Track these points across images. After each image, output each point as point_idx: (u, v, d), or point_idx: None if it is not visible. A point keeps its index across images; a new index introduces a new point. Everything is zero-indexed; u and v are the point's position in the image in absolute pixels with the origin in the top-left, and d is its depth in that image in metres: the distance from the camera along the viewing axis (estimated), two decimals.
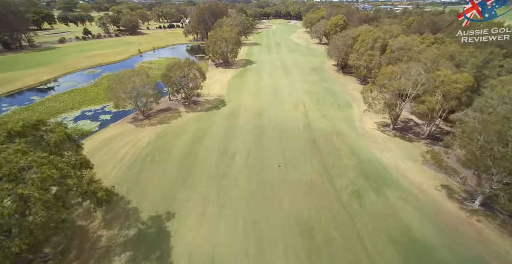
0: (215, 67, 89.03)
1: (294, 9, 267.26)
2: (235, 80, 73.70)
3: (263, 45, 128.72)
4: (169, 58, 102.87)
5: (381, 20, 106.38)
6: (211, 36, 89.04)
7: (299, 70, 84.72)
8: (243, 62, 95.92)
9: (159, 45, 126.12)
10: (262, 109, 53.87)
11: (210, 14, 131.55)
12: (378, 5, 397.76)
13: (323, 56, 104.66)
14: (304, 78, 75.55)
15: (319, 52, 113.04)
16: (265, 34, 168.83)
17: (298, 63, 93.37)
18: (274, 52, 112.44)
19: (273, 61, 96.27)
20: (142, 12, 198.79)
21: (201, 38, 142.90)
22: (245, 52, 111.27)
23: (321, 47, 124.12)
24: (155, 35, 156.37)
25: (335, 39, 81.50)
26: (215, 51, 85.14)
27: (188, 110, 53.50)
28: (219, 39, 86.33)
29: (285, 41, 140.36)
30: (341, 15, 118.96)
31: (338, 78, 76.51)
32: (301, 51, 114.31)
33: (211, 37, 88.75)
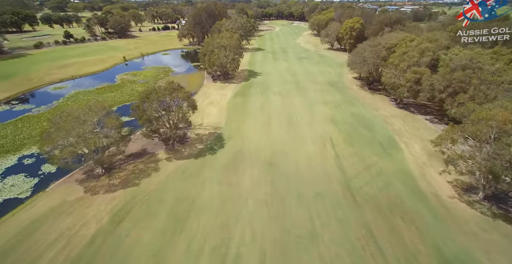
0: (211, 81, 72.69)
1: (297, 10, 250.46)
2: (236, 102, 57.40)
3: (267, 51, 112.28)
4: (158, 67, 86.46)
5: (408, 24, 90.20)
6: (207, 43, 72.63)
7: (314, 85, 68.43)
8: (245, 73, 79.59)
9: (149, 51, 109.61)
10: (275, 152, 37.68)
11: (207, 15, 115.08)
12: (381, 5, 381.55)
13: (339, 65, 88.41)
14: (323, 98, 59.34)
15: (333, 60, 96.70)
16: (268, 37, 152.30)
17: (311, 75, 77.07)
18: (281, 60, 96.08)
19: (281, 73, 79.98)
20: (134, 12, 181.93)
21: (198, 42, 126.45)
22: (247, 60, 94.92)
23: (334, 53, 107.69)
24: (147, 38, 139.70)
25: (361, 48, 65.25)
26: (211, 62, 68.74)
27: (171, 155, 37.20)
28: (216, 47, 69.95)
29: (291, 46, 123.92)
30: (357, 17, 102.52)
31: (365, 98, 60.28)
32: (312, 59, 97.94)
33: (207, 44, 72.34)
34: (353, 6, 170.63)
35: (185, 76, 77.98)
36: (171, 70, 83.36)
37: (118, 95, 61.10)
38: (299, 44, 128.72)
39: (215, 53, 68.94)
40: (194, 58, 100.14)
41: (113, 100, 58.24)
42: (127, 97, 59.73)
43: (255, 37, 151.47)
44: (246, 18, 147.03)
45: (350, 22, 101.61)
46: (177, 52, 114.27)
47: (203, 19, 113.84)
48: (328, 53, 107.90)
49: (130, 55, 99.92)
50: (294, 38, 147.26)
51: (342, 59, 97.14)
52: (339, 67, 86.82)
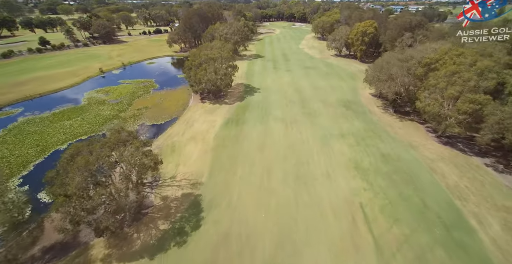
0: (199, 100, 58.86)
1: (299, 11, 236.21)
2: (226, 135, 43.50)
3: (267, 59, 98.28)
4: (139, 81, 72.63)
5: (431, 29, 76.02)
6: (194, 55, 58.69)
7: (325, 107, 54.57)
8: (240, 89, 65.73)
9: (133, 59, 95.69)
10: (279, 244, 23.90)
11: (199, 19, 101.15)
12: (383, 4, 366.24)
13: (350, 77, 74.46)
14: (339, 127, 45.49)
15: (343, 70, 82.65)
16: (267, 41, 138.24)
17: (320, 92, 63.18)
18: (283, 71, 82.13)
19: (284, 88, 66.10)
20: (124, 14, 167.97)
21: (190, 48, 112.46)
22: (244, 71, 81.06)
23: (342, 61, 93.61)
24: (135, 43, 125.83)
25: (385, 61, 51.27)
26: (197, 78, 54.94)
27: (112, 251, 23.31)
28: (205, 61, 56.14)
29: (294, 52, 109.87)
30: (370, 21, 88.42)
31: (393, 126, 46.36)
32: (319, 69, 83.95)
33: (194, 56, 58.42)
34: (361, 7, 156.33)
35: (169, 93, 64.12)
36: (153, 85, 69.48)
37: (76, 124, 47.35)
38: (302, 50, 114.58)
39: (203, 67, 55.09)
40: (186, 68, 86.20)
41: (66, 131, 44.47)
42: (86, 128, 46.01)
43: (254, 41, 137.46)
44: (244, 21, 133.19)
45: (362, 25, 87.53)
46: (166, 60, 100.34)
47: (194, 23, 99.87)
48: (336, 61, 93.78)
49: (109, 65, 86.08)
50: (296, 43, 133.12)
51: (354, 68, 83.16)
52: (351, 79, 72.85)
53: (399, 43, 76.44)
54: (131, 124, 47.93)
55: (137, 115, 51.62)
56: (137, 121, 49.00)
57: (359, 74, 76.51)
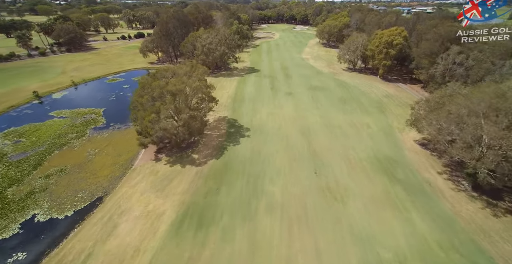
0: (152, 155, 37.10)
1: (300, 12, 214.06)
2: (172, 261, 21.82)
3: (263, 74, 76.46)
4: (80, 111, 51.00)
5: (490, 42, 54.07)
6: (144, 85, 36.45)
7: (353, 172, 32.98)
8: (221, 130, 44.02)
9: (92, 75, 73.83)
10: None
11: (178, 23, 79.08)
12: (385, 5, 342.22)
13: (378, 107, 52.83)
14: (392, 239, 23.86)
15: (363, 94, 60.85)
16: (265, 48, 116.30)
17: (339, 138, 41.53)
18: (283, 94, 60.41)
19: (285, 128, 44.41)
20: (102, 16, 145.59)
21: (170, 59, 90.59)
22: (230, 95, 59.53)
23: (360, 79, 71.70)
24: (106, 51, 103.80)
25: (454, 103, 29.57)
26: (145, 125, 33.15)
27: None
28: (159, 96, 34.33)
29: (296, 64, 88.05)
30: (398, 28, 66.55)
31: (491, 235, 24.69)
32: (331, 92, 62.21)
33: (144, 88, 36.28)
34: (375, 10, 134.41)
35: (113, 137, 42.35)
36: (97, 121, 47.70)
37: None
38: (306, 61, 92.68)
39: (156, 108, 33.30)
40: None
41: None
42: None
43: (249, 48, 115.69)
44: (237, 25, 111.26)
45: (386, 34, 65.69)
46: (136, 74, 78.34)
47: (171, 29, 77.84)
48: (351, 79, 71.89)
49: (53, 86, 64.28)
50: (298, 50, 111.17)
51: (377, 91, 61.35)
52: (379, 111, 51.18)
53: (443, 60, 54.85)
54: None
55: (31, 194, 29.84)
56: (21, 213, 27.20)
57: (388, 103, 54.82)
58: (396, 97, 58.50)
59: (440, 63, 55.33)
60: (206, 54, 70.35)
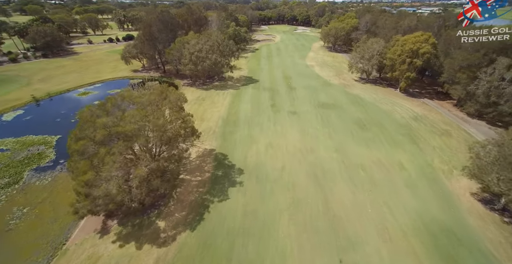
0: (98, 227, 25.40)
1: (301, 13, 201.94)
2: None
3: (262, 86, 64.84)
4: (28, 141, 39.50)
5: None
6: (83, 121, 24.51)
7: (400, 258, 21.31)
8: (204, 171, 32.25)
9: (61, 87, 62.27)
10: None
11: (163, 27, 67.24)
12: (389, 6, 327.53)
13: (408, 134, 41.07)
14: None
15: (385, 114, 49.11)
16: (265, 53, 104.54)
17: (365, 186, 29.84)
18: (286, 114, 48.77)
19: (288, 168, 32.88)
20: (90, 17, 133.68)
21: (156, 66, 78.92)
22: (221, 115, 47.97)
23: (378, 94, 59.86)
24: (87, 57, 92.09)
25: None
26: (76, 189, 21.41)
27: None
28: (106, 140, 22.48)
29: (300, 73, 76.36)
30: (424, 34, 54.66)
31: None
32: (344, 111, 50.51)
33: (83, 125, 24.38)
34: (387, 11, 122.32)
35: (56, 185, 30.79)
36: (45, 155, 36.15)
37: None
38: (311, 69, 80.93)
39: (99, 157, 21.58)
40: None
41: None
42: None
43: (247, 53, 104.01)
44: (234, 28, 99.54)
45: (411, 41, 53.91)
46: (114, 86, 66.65)
47: (155, 33, 66.02)
48: (367, 93, 60.16)
49: (11, 101, 52.86)
50: (301, 55, 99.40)
51: (402, 111, 49.58)
52: (410, 141, 39.53)
53: (487, 75, 43.18)
54: None
55: None
56: None
57: (419, 128, 43.14)
58: (427, 119, 46.78)
59: (483, 78, 43.68)
60: (195, 63, 58.69)
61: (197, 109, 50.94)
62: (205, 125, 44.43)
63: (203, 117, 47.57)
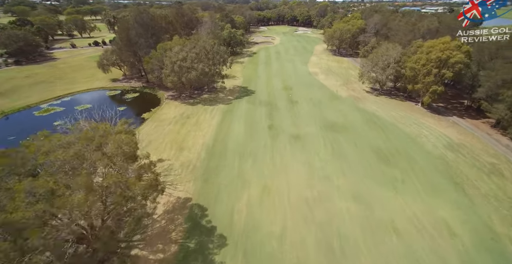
0: None
1: (302, 13, 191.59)
2: None
3: (257, 100, 55.00)
4: None
5: None
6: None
7: None
8: (170, 241, 22.25)
9: (24, 102, 52.50)
10: None
11: (142, 30, 57.28)
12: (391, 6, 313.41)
13: (446, 176, 30.93)
14: None
15: (408, 137, 39.14)
16: (263, 57, 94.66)
17: (402, 258, 20.01)
18: (286, 139, 38.84)
19: (290, 232, 23.11)
20: (75, 18, 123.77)
21: (139, 74, 69.01)
22: (206, 140, 38.25)
23: (396, 111, 49.71)
24: (64, 64, 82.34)
25: None
26: None
27: None
28: None
29: (302, 82, 66.55)
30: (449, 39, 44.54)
31: None
32: (360, 135, 40.56)
33: None
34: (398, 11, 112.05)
35: None
36: None
37: None
38: (315, 77, 70.99)
39: None
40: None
41: None
42: None
43: (244, 57, 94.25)
44: (229, 30, 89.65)
45: (438, 48, 43.89)
46: (85, 101, 56.79)
47: (133, 38, 56.12)
48: (383, 109, 50.11)
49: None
50: (303, 60, 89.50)
51: (432, 135, 39.54)
52: (452, 186, 29.58)
53: None
54: None
55: None
56: None
57: (458, 162, 33.28)
58: (465, 148, 36.82)
59: None
60: (178, 74, 48.82)
61: (177, 132, 41.16)
62: (184, 157, 34.66)
63: (183, 144, 37.75)
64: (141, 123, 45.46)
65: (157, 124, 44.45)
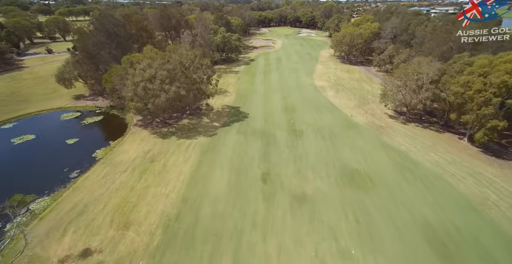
0: None
1: (306, 14, 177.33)
2: None
3: (250, 128, 41.83)
4: None
5: None
6: None
7: None
8: None
9: None
10: None
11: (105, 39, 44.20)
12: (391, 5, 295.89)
13: None
14: None
15: (468, 203, 25.85)
16: (261, 65, 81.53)
17: None
18: (286, 203, 25.65)
19: None
20: (56, 19, 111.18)
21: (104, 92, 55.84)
22: (163, 211, 24.89)
23: (437, 149, 36.09)
24: (29, 74, 69.89)
25: None
26: None
27: None
28: None
29: (307, 100, 53.40)
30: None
31: None
32: (392, 193, 27.35)
33: None
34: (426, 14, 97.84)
35: None
36: None
37: None
38: (322, 94, 57.71)
39: None
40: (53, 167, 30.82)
41: None
42: None
43: (240, 65, 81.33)
44: (223, 34, 76.55)
45: (503, 68, 30.36)
46: (33, 128, 44.13)
47: (90, 47, 43.16)
48: (418, 148, 36.66)
49: None
50: (308, 69, 76.25)
51: (504, 201, 25.76)
52: None
53: None
54: None
55: None
56: None
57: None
58: None
59: None
60: (143, 98, 35.84)
61: (131, 189, 28.35)
62: (126, 245, 21.83)
63: (132, 216, 24.90)
64: (89, 167, 32.74)
65: (108, 171, 31.66)
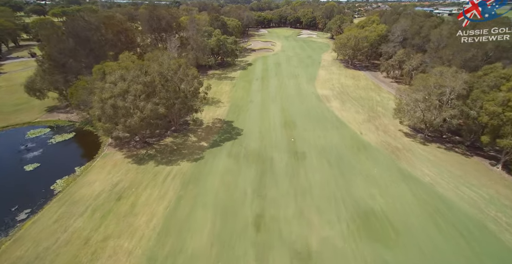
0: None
1: (306, 14, 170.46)
2: None
3: (244, 150, 35.23)
4: None
5: None
6: None
7: None
8: None
9: None
10: None
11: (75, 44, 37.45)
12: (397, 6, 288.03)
13: None
14: None
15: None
16: (259, 70, 74.99)
17: None
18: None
19: None
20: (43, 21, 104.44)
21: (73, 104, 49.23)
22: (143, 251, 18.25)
23: (471, 183, 29.51)
24: (5, 81, 63.60)
25: None
26: None
27: None
28: None
29: (309, 113, 46.79)
30: None
31: None
32: (424, 248, 20.83)
33: None
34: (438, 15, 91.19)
35: None
36: None
37: None
38: (326, 105, 51.11)
39: None
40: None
41: None
42: None
43: (236, 70, 74.89)
44: (218, 37, 70.00)
45: None
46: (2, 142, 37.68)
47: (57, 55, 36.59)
48: (447, 180, 30.01)
49: None
50: (310, 75, 69.72)
51: None
52: None
53: None
54: None
55: None
56: None
57: None
58: None
59: None
60: (111, 118, 29.26)
61: (85, 242, 21.93)
62: None
63: None
64: (42, 205, 26.27)
65: (63, 212, 25.19)
